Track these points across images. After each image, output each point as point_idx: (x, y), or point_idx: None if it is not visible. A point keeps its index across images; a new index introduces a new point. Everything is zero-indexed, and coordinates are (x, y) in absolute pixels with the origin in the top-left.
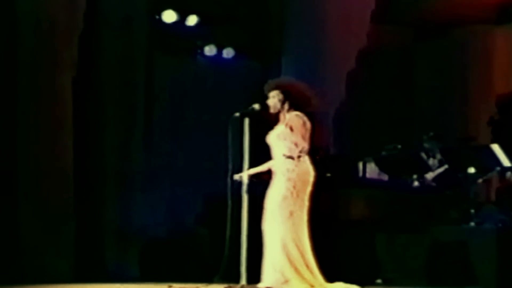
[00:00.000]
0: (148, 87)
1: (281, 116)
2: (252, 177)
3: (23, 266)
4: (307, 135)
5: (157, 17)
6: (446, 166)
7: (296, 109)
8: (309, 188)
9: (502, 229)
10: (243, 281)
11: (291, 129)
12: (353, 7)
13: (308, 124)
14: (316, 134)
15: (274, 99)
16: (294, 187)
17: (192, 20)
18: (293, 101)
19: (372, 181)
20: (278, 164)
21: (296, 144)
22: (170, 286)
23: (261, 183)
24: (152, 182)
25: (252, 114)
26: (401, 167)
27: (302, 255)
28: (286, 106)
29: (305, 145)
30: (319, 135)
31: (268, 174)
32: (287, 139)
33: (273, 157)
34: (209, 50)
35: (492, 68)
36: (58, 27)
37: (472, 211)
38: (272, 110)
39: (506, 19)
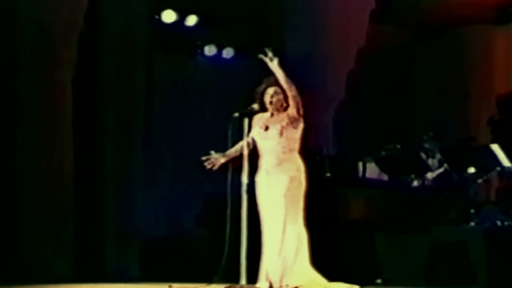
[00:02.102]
0: (148, 87)
1: (274, 112)
2: (251, 177)
3: (23, 266)
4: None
5: (156, 17)
6: (446, 166)
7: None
8: (304, 183)
9: (502, 229)
10: (243, 281)
11: (295, 126)
12: (353, 7)
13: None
14: (315, 134)
15: (278, 96)
16: (298, 184)
17: (191, 20)
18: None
19: (372, 181)
20: (270, 161)
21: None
22: (170, 286)
23: None
24: (152, 182)
25: (252, 114)
26: (401, 167)
27: (303, 253)
28: (285, 104)
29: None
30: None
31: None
32: (289, 137)
33: (264, 153)
34: (209, 50)
35: (492, 68)
36: (58, 27)
37: (472, 211)
38: (275, 106)
39: (506, 19)
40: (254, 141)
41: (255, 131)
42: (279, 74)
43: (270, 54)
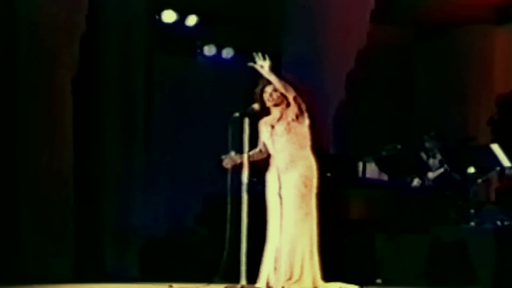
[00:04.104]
0: (148, 86)
1: (275, 110)
2: (252, 177)
3: (23, 266)
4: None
5: (157, 17)
6: (446, 166)
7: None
8: (316, 182)
9: (501, 229)
10: (243, 281)
11: (300, 122)
12: (352, 7)
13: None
14: (315, 134)
15: (277, 93)
16: (310, 183)
17: (191, 20)
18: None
19: (372, 181)
20: (283, 159)
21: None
22: (170, 286)
23: (261, 182)
24: (152, 182)
25: (252, 114)
26: (401, 167)
27: (312, 254)
28: (285, 100)
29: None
30: (318, 134)
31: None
32: (297, 133)
33: (275, 152)
34: (209, 50)
35: (492, 68)
36: (58, 27)
37: (472, 211)
38: (275, 103)
39: (506, 19)
40: (265, 147)
41: (264, 135)
42: (273, 79)
43: (259, 60)
